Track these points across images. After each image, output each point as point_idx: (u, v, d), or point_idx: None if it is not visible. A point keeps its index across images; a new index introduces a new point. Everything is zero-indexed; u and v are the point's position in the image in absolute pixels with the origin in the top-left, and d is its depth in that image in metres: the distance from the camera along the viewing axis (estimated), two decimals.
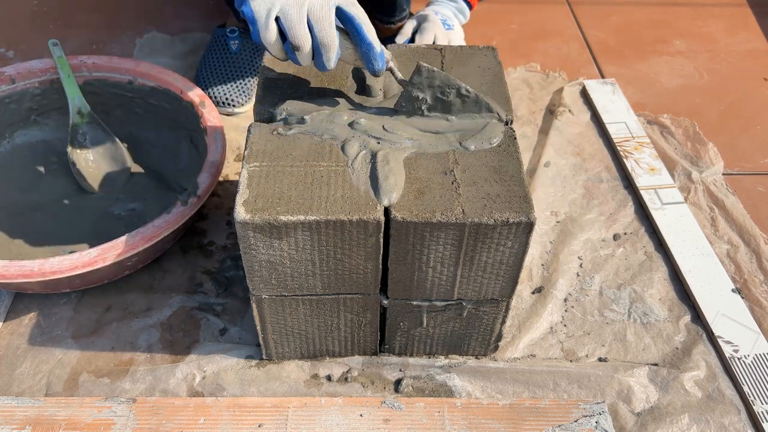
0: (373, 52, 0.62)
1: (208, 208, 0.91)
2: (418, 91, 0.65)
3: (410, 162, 0.63)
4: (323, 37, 0.60)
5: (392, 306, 0.68)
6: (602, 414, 0.68)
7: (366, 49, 0.62)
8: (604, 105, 1.10)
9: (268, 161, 0.62)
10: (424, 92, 0.65)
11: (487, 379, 0.73)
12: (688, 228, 0.89)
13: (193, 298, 0.80)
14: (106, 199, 0.89)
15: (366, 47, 0.62)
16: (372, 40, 0.62)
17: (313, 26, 0.60)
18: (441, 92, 0.65)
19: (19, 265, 0.68)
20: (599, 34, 1.32)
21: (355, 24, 0.61)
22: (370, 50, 0.62)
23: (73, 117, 0.89)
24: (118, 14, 1.30)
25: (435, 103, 0.66)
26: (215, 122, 0.84)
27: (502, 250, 0.61)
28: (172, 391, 0.71)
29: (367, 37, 0.62)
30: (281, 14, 0.60)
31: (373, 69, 0.64)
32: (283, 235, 0.58)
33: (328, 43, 0.60)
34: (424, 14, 1.11)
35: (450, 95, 0.65)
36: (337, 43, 0.61)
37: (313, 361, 0.74)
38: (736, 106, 1.14)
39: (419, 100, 0.66)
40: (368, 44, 0.62)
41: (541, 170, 0.98)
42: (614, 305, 0.81)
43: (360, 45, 0.62)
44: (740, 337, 0.77)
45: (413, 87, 0.65)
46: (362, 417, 0.67)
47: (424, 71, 0.64)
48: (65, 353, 0.74)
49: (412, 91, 0.65)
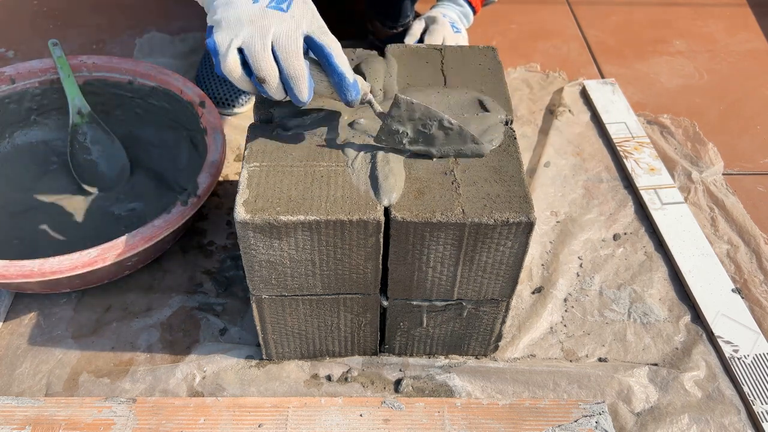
0: (345, 82, 0.59)
1: (208, 208, 0.91)
2: (398, 125, 0.62)
3: (410, 162, 0.63)
4: (289, 69, 0.56)
5: (392, 306, 0.68)
6: (602, 414, 0.68)
7: (338, 80, 0.59)
8: (604, 105, 1.10)
9: (268, 161, 0.62)
10: (405, 125, 0.62)
11: (487, 379, 0.73)
12: (688, 228, 0.89)
13: (193, 298, 0.80)
14: (106, 199, 0.89)
15: (338, 77, 0.59)
16: (344, 70, 0.58)
17: (279, 57, 0.56)
18: (422, 125, 0.62)
19: (19, 265, 0.68)
20: (599, 34, 1.32)
21: (325, 53, 0.58)
22: (342, 80, 0.59)
23: (73, 117, 0.89)
24: (118, 14, 1.30)
25: (416, 137, 0.63)
26: (215, 122, 0.84)
27: (502, 250, 0.61)
28: (172, 391, 0.71)
29: (339, 66, 0.58)
30: (244, 45, 0.56)
31: (347, 100, 0.60)
32: (283, 235, 0.58)
33: (295, 75, 0.57)
34: (432, 16, 1.11)
35: (432, 128, 0.62)
36: (306, 74, 0.57)
37: (313, 361, 0.74)
38: (736, 106, 1.14)
39: (399, 133, 0.62)
40: (339, 74, 0.58)
41: (541, 170, 0.98)
42: (614, 305, 0.81)
43: (331, 75, 0.59)
44: (740, 337, 0.77)
45: (393, 120, 0.62)
46: (362, 417, 0.67)
47: (403, 104, 0.61)
48: (65, 353, 0.74)
49: (391, 124, 0.62)
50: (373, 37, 1.20)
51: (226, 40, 0.56)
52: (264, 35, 0.56)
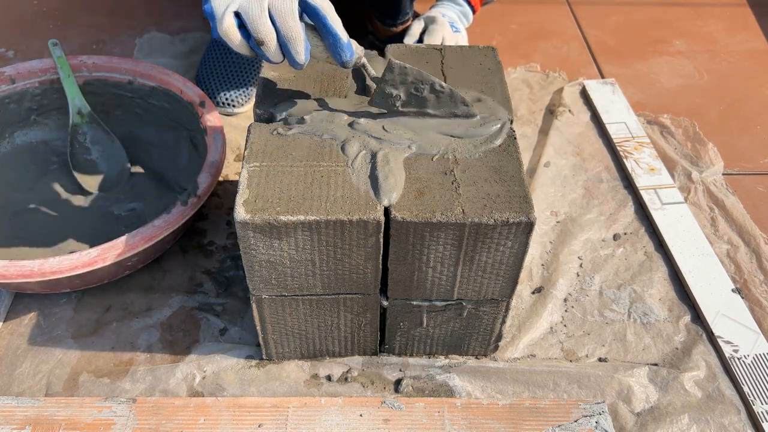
0: (340, 43, 0.61)
1: (208, 208, 0.91)
2: (392, 88, 0.65)
3: (410, 162, 0.63)
4: (287, 30, 0.58)
5: (392, 306, 0.68)
6: (602, 414, 0.68)
7: (332, 41, 0.61)
8: (604, 105, 1.10)
9: (268, 161, 0.62)
10: (398, 89, 0.65)
11: (487, 379, 0.73)
12: (688, 228, 0.89)
13: (193, 298, 0.80)
14: (106, 199, 0.89)
15: (332, 38, 0.60)
16: (338, 31, 0.60)
17: (275, 20, 0.58)
18: (414, 88, 0.65)
19: (19, 265, 0.68)
20: (599, 34, 1.32)
21: (319, 15, 0.60)
22: (336, 41, 0.61)
23: (73, 117, 0.89)
24: (118, 14, 1.30)
25: (409, 99, 0.65)
26: (215, 122, 0.84)
27: (502, 250, 0.61)
28: (172, 391, 0.71)
29: (333, 27, 0.60)
30: (241, 9, 0.58)
31: (341, 60, 0.62)
32: (283, 235, 0.58)
33: (293, 37, 0.59)
34: (431, 16, 1.11)
35: (423, 91, 0.65)
36: (303, 35, 0.60)
37: (313, 361, 0.74)
38: (736, 106, 1.14)
39: (393, 96, 0.65)
40: (334, 35, 0.60)
41: (541, 170, 0.98)
42: (614, 305, 0.81)
43: (326, 37, 0.61)
44: (740, 337, 0.77)
45: (386, 84, 0.65)
46: (362, 417, 0.67)
47: (396, 68, 0.63)
48: (65, 353, 0.74)
49: (385, 88, 0.65)
50: (373, 37, 1.20)
51: (223, 4, 0.58)
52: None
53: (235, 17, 0.58)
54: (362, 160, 0.62)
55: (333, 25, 0.60)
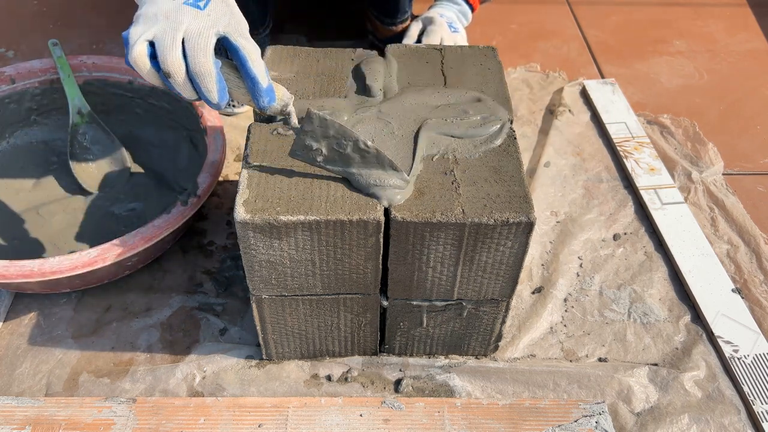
0: (258, 87, 0.57)
1: (208, 208, 0.91)
2: (312, 141, 0.59)
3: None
4: (195, 65, 0.55)
5: (392, 306, 0.68)
6: (602, 414, 0.68)
7: (251, 84, 0.57)
8: (604, 105, 1.10)
9: (268, 161, 0.62)
10: (319, 142, 0.59)
11: (487, 379, 0.73)
12: (688, 228, 0.89)
13: (193, 298, 0.80)
14: (106, 199, 0.89)
15: (251, 81, 0.57)
16: (257, 74, 0.57)
17: (187, 53, 0.55)
18: (336, 144, 0.59)
19: (19, 265, 0.68)
20: (599, 34, 1.32)
21: (239, 55, 0.56)
22: (255, 85, 0.57)
23: (73, 117, 0.89)
24: (118, 14, 1.30)
25: (331, 155, 0.60)
26: (215, 122, 0.84)
27: (502, 250, 0.61)
28: (172, 391, 0.71)
29: (252, 70, 0.56)
30: (155, 38, 0.55)
31: (259, 106, 0.58)
32: (283, 235, 0.58)
33: (200, 72, 0.55)
34: (429, 17, 1.11)
35: (346, 148, 0.59)
36: (214, 72, 0.56)
37: (313, 361, 0.74)
38: (736, 106, 1.14)
39: (313, 150, 0.60)
40: (252, 78, 0.56)
41: (541, 170, 0.98)
42: (614, 305, 0.81)
43: (245, 79, 0.57)
44: (740, 337, 0.77)
45: (306, 135, 0.59)
46: (362, 417, 0.67)
47: (315, 119, 0.58)
48: (65, 353, 0.74)
49: (304, 140, 0.59)
50: (373, 37, 1.20)
51: (138, 32, 0.56)
52: (175, 30, 0.55)
53: (148, 46, 0.56)
54: None
55: (252, 68, 0.56)
